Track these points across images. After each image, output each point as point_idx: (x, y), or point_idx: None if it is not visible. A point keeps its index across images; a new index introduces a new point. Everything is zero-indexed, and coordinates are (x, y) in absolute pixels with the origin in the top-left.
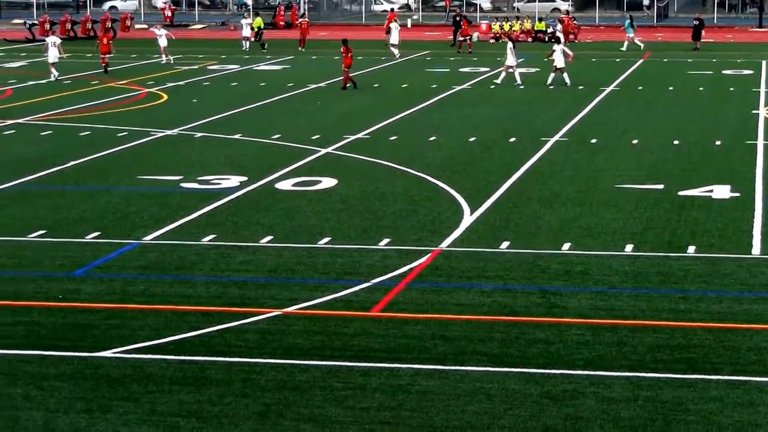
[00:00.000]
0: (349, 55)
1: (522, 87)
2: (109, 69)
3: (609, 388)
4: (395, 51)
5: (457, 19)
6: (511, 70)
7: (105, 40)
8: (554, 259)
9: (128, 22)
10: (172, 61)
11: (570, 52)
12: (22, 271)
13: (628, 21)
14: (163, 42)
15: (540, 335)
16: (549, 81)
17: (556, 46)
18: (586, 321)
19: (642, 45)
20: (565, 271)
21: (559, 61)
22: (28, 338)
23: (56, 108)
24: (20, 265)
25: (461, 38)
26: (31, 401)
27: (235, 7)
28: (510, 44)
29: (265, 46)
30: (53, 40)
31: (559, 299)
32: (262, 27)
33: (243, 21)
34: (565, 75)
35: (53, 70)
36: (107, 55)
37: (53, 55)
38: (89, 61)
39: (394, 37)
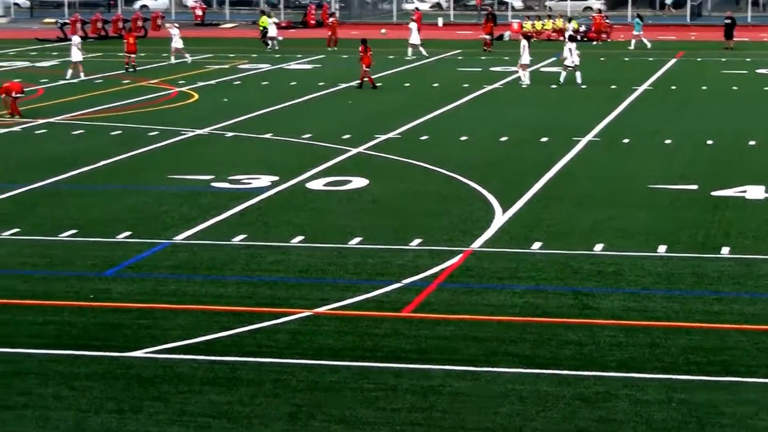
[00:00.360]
0: (369, 54)
1: (526, 86)
2: (137, 68)
3: (642, 391)
4: (410, 50)
5: (489, 17)
6: (525, 69)
7: (131, 39)
8: (586, 259)
9: (159, 21)
10: (189, 61)
11: (577, 52)
12: (53, 270)
13: (637, 19)
14: (178, 43)
15: (572, 336)
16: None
17: (570, 45)
18: (619, 322)
19: (649, 44)
20: (597, 271)
21: (573, 59)
22: (59, 338)
23: (87, 107)
24: (51, 264)
25: (484, 36)
26: (62, 401)
27: (266, 6)
28: (524, 42)
29: (269, 45)
30: (76, 40)
31: (592, 300)
32: (267, 26)
33: (270, 20)
34: (578, 73)
35: (76, 69)
36: (133, 54)
37: (77, 54)
38: (120, 60)
39: (414, 37)
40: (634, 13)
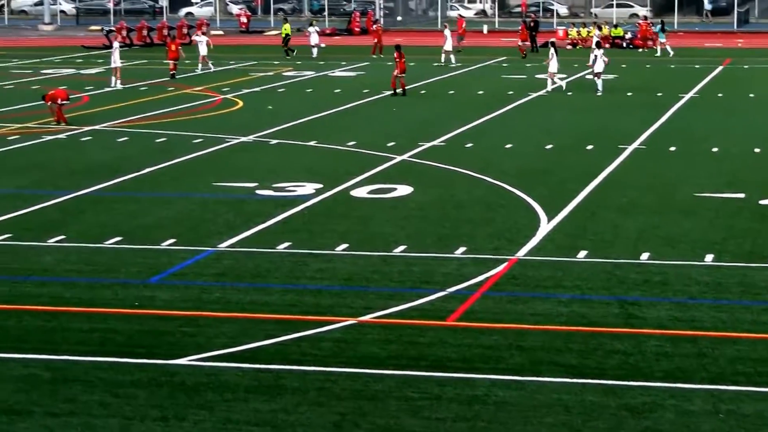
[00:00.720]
0: (402, 60)
1: (547, 93)
2: (176, 76)
3: (689, 401)
4: (443, 57)
5: (532, 24)
6: (553, 77)
7: (173, 47)
8: (632, 268)
9: (204, 29)
10: (211, 69)
11: (604, 59)
12: (98, 277)
13: (659, 26)
14: (203, 50)
15: (618, 346)
16: (599, 89)
17: (597, 51)
18: (665, 332)
19: (672, 52)
20: (643, 280)
21: (598, 66)
22: (103, 345)
23: (132, 114)
24: (96, 271)
25: (520, 43)
26: (107, 408)
27: (310, 13)
28: (552, 50)
29: (289, 54)
30: (116, 46)
31: (638, 309)
32: (289, 34)
33: (311, 28)
34: (599, 81)
35: (116, 75)
36: (175, 61)
37: (117, 60)
38: (165, 67)
39: (448, 44)
40: (662, 21)
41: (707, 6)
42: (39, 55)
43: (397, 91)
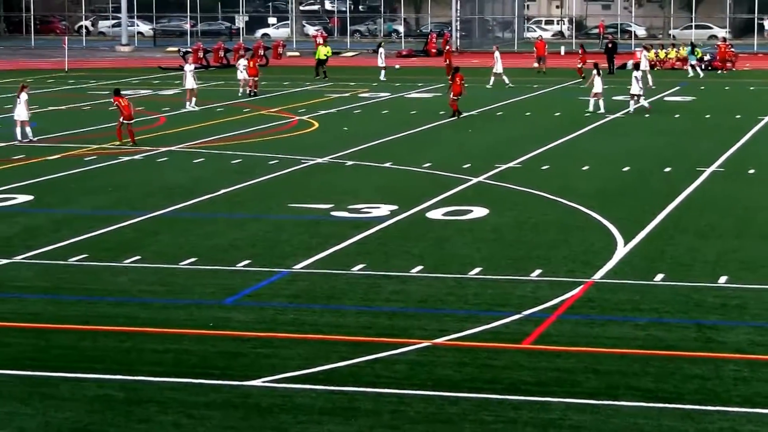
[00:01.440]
0: (460, 82)
1: (602, 112)
2: (257, 94)
3: (767, 427)
4: (492, 80)
5: (610, 45)
6: (598, 97)
7: (251, 64)
8: (710, 292)
9: (280, 50)
10: (242, 91)
11: (639, 84)
12: (173, 298)
13: (689, 48)
14: (242, 74)
15: (696, 370)
16: (596, 108)
17: (637, 73)
18: (744, 356)
19: (702, 74)
20: (721, 304)
21: (597, 86)
22: (178, 366)
23: (208, 135)
24: (171, 292)
25: (579, 65)
26: (181, 429)
27: (387, 35)
28: (595, 71)
29: (319, 74)
30: (189, 68)
31: (716, 333)
32: (329, 55)
33: (380, 49)
34: (601, 101)
35: (191, 96)
36: (254, 78)
37: (191, 82)
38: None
39: (498, 66)
40: (692, 43)
41: (767, 25)
42: (116, 77)
43: (459, 113)
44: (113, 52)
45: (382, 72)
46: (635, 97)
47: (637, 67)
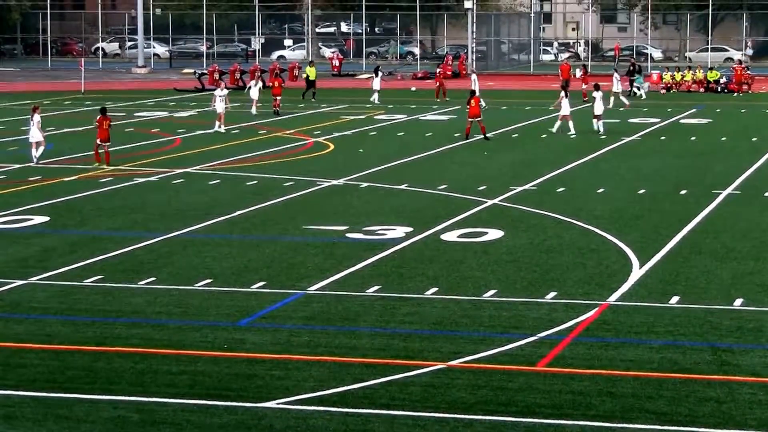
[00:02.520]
0: (476, 104)
1: (574, 136)
2: (279, 114)
3: None
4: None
5: (631, 69)
6: (566, 119)
7: (275, 83)
8: (726, 314)
9: (296, 72)
10: (253, 112)
11: (603, 107)
12: (187, 319)
13: (629, 69)
14: (254, 94)
15: (711, 393)
16: (561, 130)
17: (596, 94)
18: (759, 379)
19: (645, 96)
20: (737, 327)
21: (565, 108)
22: (193, 387)
23: (224, 157)
24: (186, 313)
25: (584, 86)
26: None
27: (400, 57)
28: (596, 93)
29: (305, 96)
30: (221, 93)
31: (731, 356)
32: (314, 78)
33: (378, 72)
34: (571, 123)
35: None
36: (277, 97)
37: (221, 106)
38: (258, 110)
39: (475, 85)
40: (634, 64)
41: None
42: (132, 98)
43: (484, 136)
44: (129, 74)
45: (376, 95)
46: (598, 117)
47: (597, 88)
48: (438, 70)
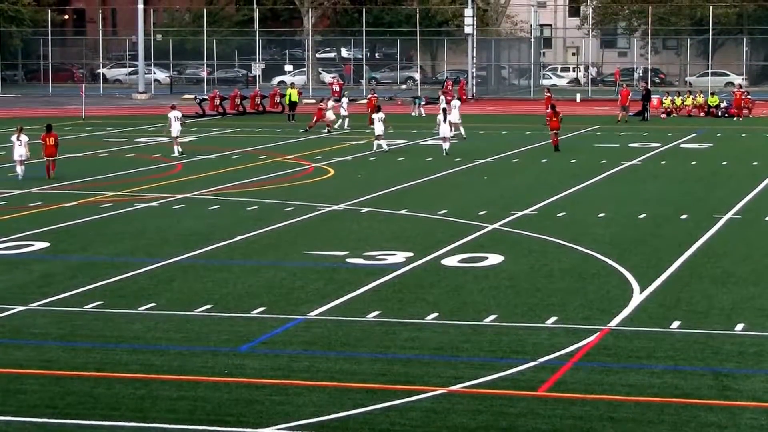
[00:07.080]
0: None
1: (448, 156)
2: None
3: None
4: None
5: (644, 93)
6: (447, 142)
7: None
8: (727, 339)
9: (277, 98)
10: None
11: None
12: (188, 345)
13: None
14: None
15: (712, 418)
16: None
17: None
18: (761, 404)
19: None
20: (738, 352)
21: (444, 130)
22: (193, 413)
23: (224, 182)
24: (187, 339)
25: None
26: None
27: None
28: (440, 117)
29: (291, 119)
30: (175, 114)
31: (733, 381)
32: (296, 101)
33: (344, 99)
34: (462, 129)
35: (177, 146)
36: (324, 119)
37: (176, 129)
38: (258, 135)
39: (455, 115)
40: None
41: None
42: (133, 124)
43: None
44: (130, 99)
45: (346, 120)
46: (379, 138)
47: (444, 112)
48: (441, 97)
